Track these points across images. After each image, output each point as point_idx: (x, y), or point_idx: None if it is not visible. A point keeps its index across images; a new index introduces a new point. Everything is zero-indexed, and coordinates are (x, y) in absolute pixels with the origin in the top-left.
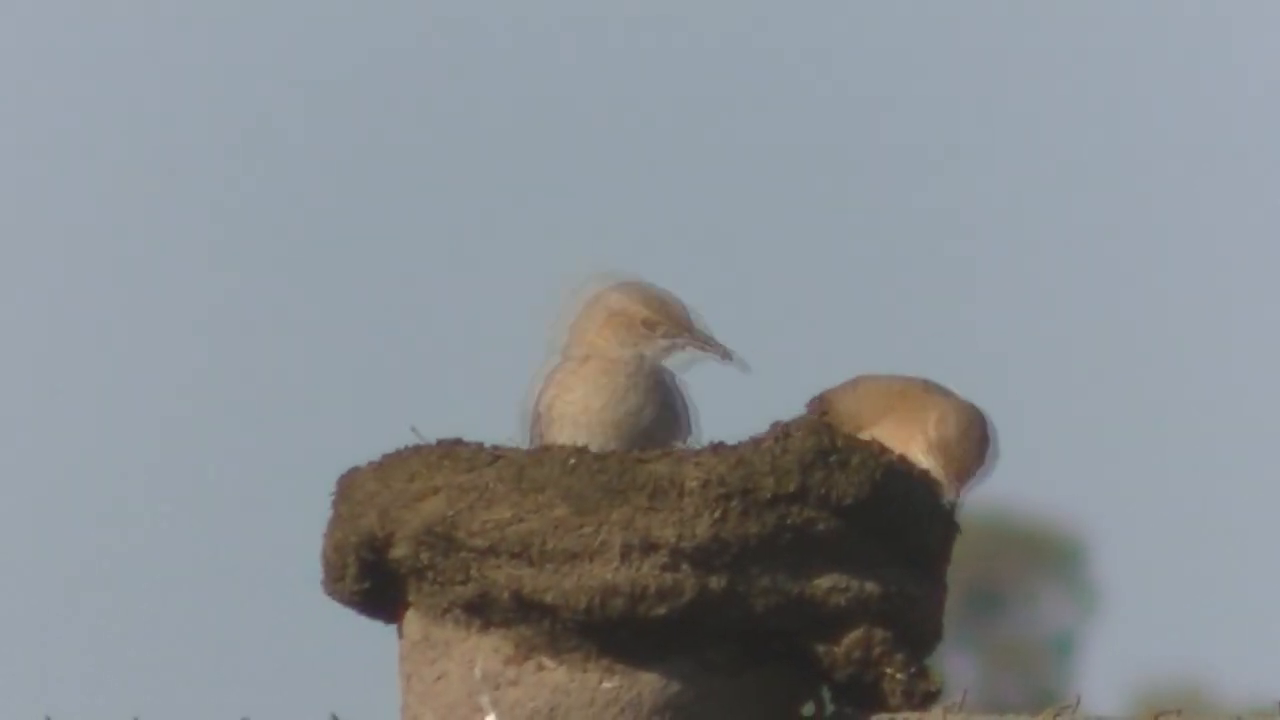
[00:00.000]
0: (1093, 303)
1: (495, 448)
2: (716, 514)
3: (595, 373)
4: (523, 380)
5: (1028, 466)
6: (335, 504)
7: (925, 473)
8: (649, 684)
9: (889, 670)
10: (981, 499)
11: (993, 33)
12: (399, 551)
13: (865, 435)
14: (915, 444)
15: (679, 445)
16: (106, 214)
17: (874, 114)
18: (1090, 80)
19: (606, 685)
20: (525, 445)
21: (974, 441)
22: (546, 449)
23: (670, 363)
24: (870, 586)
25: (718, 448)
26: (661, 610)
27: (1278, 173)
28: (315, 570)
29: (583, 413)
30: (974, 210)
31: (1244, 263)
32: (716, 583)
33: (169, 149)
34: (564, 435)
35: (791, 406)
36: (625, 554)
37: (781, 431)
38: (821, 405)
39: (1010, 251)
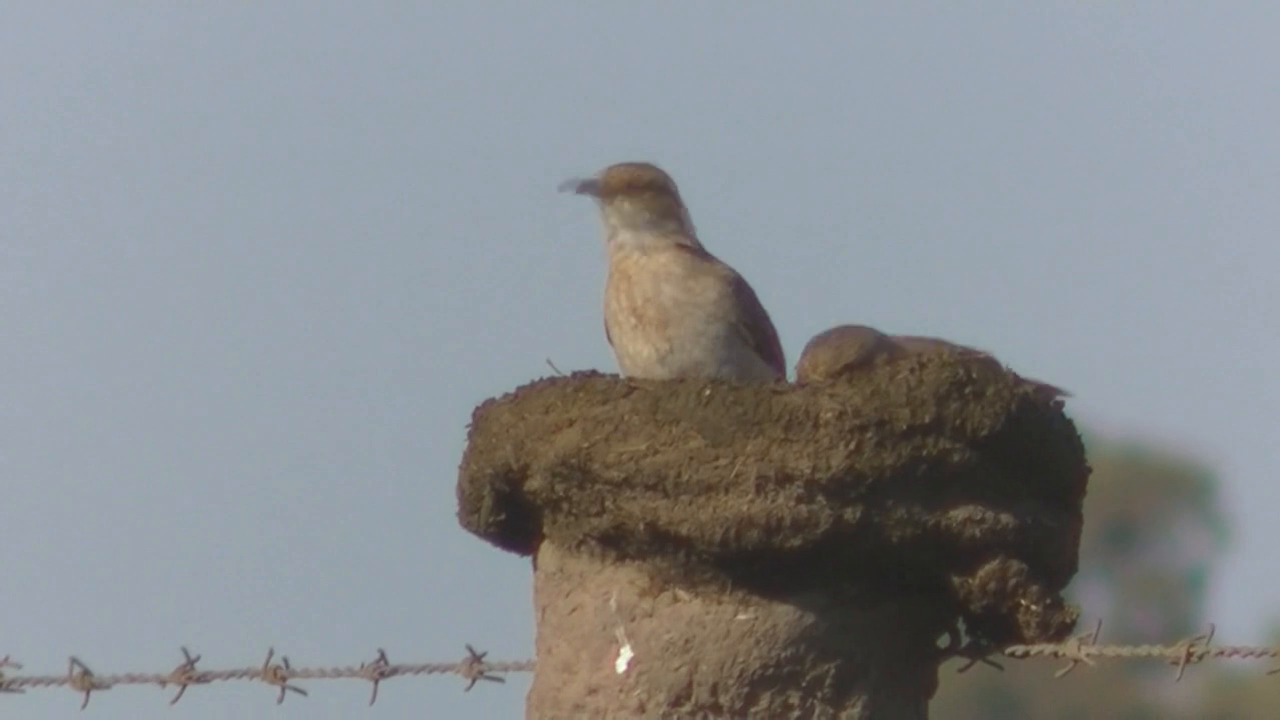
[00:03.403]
0: (1223, 243)
1: (630, 380)
2: (852, 445)
3: (612, 266)
4: None
5: (1163, 400)
6: (471, 436)
7: (1060, 404)
8: (784, 616)
9: (1024, 602)
10: (1116, 432)
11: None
12: (534, 484)
13: None
14: None
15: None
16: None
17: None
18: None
19: (741, 617)
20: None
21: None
22: (682, 381)
23: (601, 222)
24: (1005, 518)
25: (853, 379)
26: (797, 542)
27: None
28: (451, 503)
29: (615, 311)
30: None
31: None
32: (852, 514)
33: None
34: (614, 334)
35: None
36: (760, 486)
37: (917, 363)
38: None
39: (1149, 197)
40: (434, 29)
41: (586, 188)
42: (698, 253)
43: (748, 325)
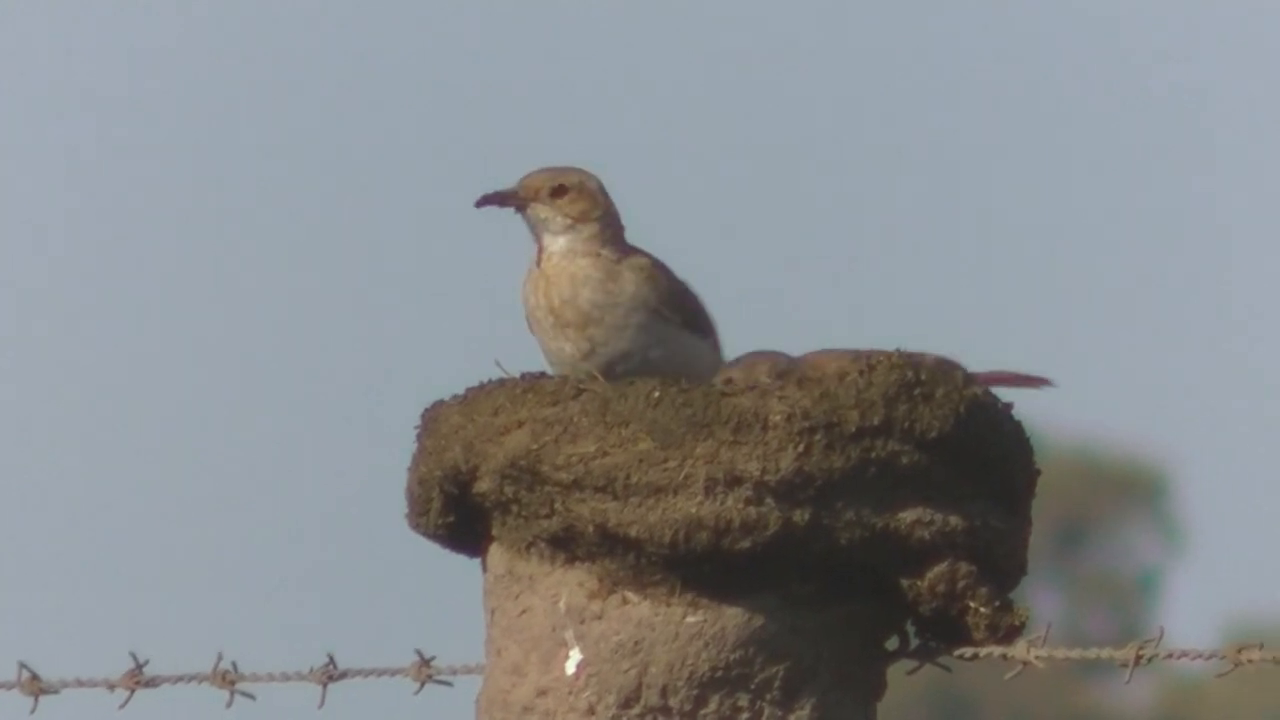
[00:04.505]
0: (1175, 247)
1: (579, 381)
2: (800, 447)
3: (532, 262)
4: None
5: (1115, 403)
6: (420, 438)
7: (1010, 405)
8: (733, 618)
9: (973, 604)
10: (1068, 434)
11: None
12: (483, 485)
13: None
14: None
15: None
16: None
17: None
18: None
19: (691, 619)
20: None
21: None
22: (631, 383)
23: (529, 228)
24: (955, 520)
25: (802, 381)
26: (746, 544)
27: None
28: (400, 505)
29: (535, 309)
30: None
31: None
32: (800, 516)
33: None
34: (534, 330)
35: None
36: (709, 488)
37: (866, 364)
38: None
39: (1090, 197)
40: (376, 33)
41: (503, 199)
42: (616, 254)
43: (668, 305)
